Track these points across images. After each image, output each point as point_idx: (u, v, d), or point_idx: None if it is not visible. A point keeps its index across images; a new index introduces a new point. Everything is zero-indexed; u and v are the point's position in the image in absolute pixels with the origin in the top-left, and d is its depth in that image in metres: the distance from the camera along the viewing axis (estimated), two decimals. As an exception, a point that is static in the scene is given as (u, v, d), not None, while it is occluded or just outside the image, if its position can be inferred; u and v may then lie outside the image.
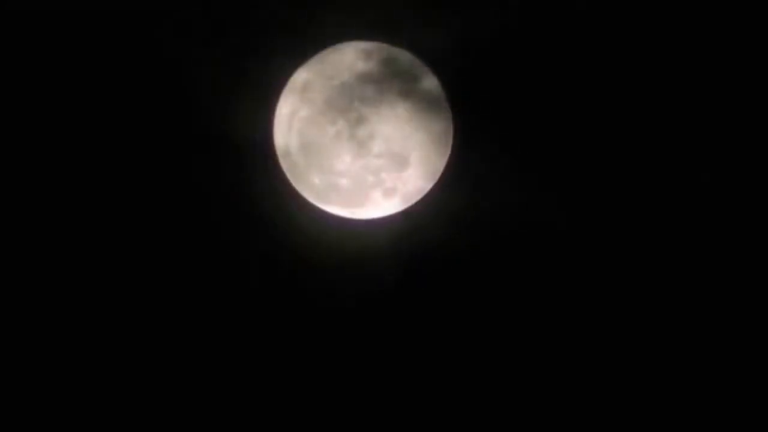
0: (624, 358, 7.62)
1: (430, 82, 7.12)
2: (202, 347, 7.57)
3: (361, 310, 7.59)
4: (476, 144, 7.41)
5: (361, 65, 7.02)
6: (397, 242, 7.50)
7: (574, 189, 7.51)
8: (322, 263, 7.50)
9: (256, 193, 7.44)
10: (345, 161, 6.93)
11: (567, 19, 7.34)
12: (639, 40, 7.39)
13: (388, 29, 7.16)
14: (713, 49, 7.40)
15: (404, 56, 7.12)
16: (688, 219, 7.53)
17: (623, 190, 7.51)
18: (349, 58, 7.06)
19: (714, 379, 7.60)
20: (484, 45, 7.30)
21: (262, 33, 7.30)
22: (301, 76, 7.19)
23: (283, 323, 7.59)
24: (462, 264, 7.59)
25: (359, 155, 6.91)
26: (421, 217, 7.44)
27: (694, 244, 7.54)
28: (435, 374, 7.65)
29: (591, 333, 7.62)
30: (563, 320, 7.62)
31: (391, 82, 6.96)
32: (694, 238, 7.54)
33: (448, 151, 7.26)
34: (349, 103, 6.89)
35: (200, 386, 7.58)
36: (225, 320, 7.56)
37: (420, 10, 7.20)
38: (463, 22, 7.24)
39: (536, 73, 7.40)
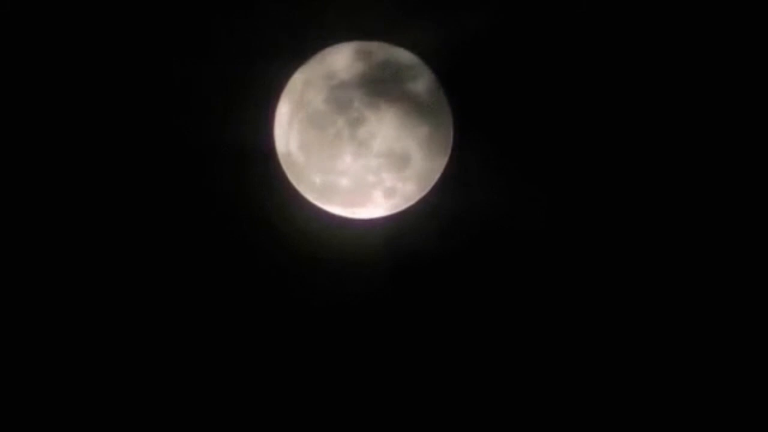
0: (621, 360, 7.63)
1: (430, 81, 7.12)
2: (203, 347, 7.59)
3: (361, 310, 7.60)
4: (477, 143, 7.41)
5: (361, 65, 7.01)
6: (398, 242, 7.51)
7: (573, 190, 7.51)
8: (323, 263, 7.51)
9: (257, 193, 7.45)
10: (345, 161, 6.92)
11: (568, 19, 7.34)
12: (639, 39, 7.39)
13: (388, 29, 7.16)
14: (712, 47, 7.41)
15: (404, 55, 7.12)
16: (688, 221, 7.53)
17: (623, 194, 7.51)
18: (348, 58, 7.06)
19: (707, 380, 7.63)
20: (485, 44, 7.30)
21: (262, 33, 7.30)
22: (300, 76, 7.19)
23: (284, 323, 7.61)
24: (462, 264, 7.60)
25: (359, 155, 6.90)
26: (421, 216, 7.45)
27: (694, 247, 7.55)
28: (434, 372, 7.66)
29: (585, 334, 7.63)
30: (561, 321, 7.63)
31: (391, 81, 6.95)
32: (693, 240, 7.55)
33: (449, 151, 7.27)
34: (349, 102, 6.87)
35: (201, 384, 7.60)
36: (225, 319, 7.58)
37: (420, 9, 7.20)
38: (465, 22, 7.24)
39: (538, 74, 7.41)
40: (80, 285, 7.53)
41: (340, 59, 7.07)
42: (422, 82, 7.08)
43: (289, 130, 7.18)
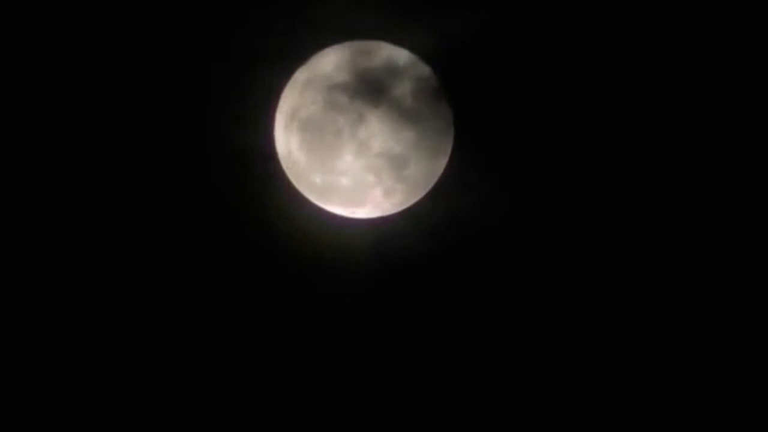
0: (612, 362, 7.65)
1: (431, 81, 7.13)
2: (204, 343, 7.59)
3: (360, 308, 7.61)
4: (477, 143, 7.42)
5: (362, 64, 7.02)
6: (398, 241, 7.51)
7: (570, 195, 7.53)
8: (323, 261, 7.52)
9: (258, 192, 7.47)
10: (345, 161, 6.93)
11: (571, 20, 7.35)
12: (637, 41, 7.40)
13: (388, 28, 7.17)
14: (712, 51, 7.42)
15: (404, 55, 7.13)
16: (684, 227, 7.53)
17: (619, 200, 7.52)
18: (348, 58, 7.07)
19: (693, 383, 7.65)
20: (486, 44, 7.31)
21: (263, 34, 7.32)
22: (301, 75, 7.21)
23: (284, 321, 7.61)
24: (462, 263, 7.61)
25: (360, 155, 6.91)
26: (421, 216, 7.46)
27: (690, 253, 7.56)
28: (428, 369, 7.67)
29: (576, 336, 7.65)
30: (554, 323, 7.65)
31: (391, 81, 6.96)
32: (689, 246, 7.55)
33: (449, 151, 7.27)
34: (350, 102, 6.89)
35: (202, 379, 7.61)
36: (226, 317, 7.58)
37: (421, 9, 7.21)
38: (465, 22, 7.25)
39: (538, 74, 7.41)
40: (84, 284, 7.54)
41: (340, 59, 7.08)
42: (422, 82, 7.09)
43: (289, 131, 7.19)
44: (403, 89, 6.99)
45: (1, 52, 7.36)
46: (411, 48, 7.15)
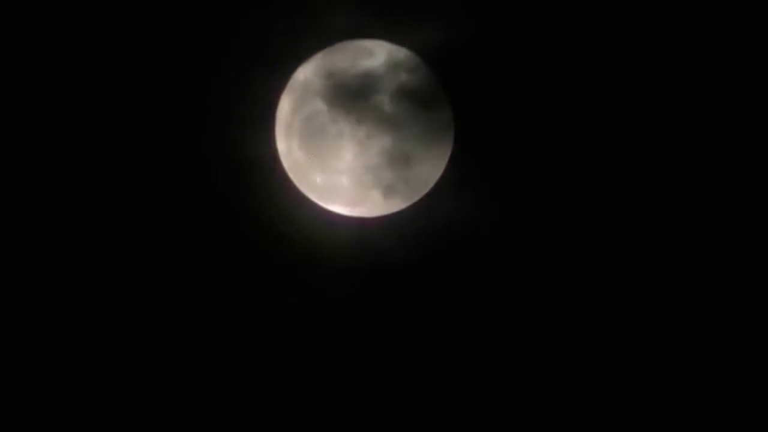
0: (597, 368, 7.68)
1: (431, 81, 7.15)
2: (202, 344, 7.60)
3: (359, 306, 7.62)
4: (477, 143, 7.43)
5: (362, 64, 7.04)
6: (397, 240, 7.53)
7: (571, 194, 7.55)
8: (323, 260, 7.52)
9: (258, 191, 7.47)
10: (346, 160, 6.95)
11: (571, 21, 7.37)
12: (638, 41, 7.43)
13: (388, 28, 7.19)
14: (712, 56, 7.46)
15: (405, 55, 7.15)
16: (689, 226, 7.56)
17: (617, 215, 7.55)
18: (349, 57, 7.09)
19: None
20: (487, 45, 7.33)
21: (264, 33, 7.33)
22: (301, 75, 7.22)
23: (285, 318, 7.62)
24: (460, 263, 7.62)
25: (360, 154, 6.93)
26: (420, 216, 7.47)
27: (685, 266, 7.58)
28: (428, 367, 7.68)
29: (571, 337, 7.67)
30: (555, 322, 7.68)
31: (391, 80, 6.98)
32: (695, 246, 7.58)
33: (449, 150, 7.29)
34: (350, 102, 6.91)
35: (204, 373, 7.62)
36: (225, 316, 7.59)
37: (421, 9, 7.23)
38: (466, 23, 7.27)
39: (538, 75, 7.43)
40: (86, 284, 7.54)
41: (341, 58, 7.09)
42: (423, 82, 7.11)
43: (290, 130, 7.20)
44: (403, 89, 7.01)
45: (2, 52, 7.38)
46: (411, 48, 7.17)
